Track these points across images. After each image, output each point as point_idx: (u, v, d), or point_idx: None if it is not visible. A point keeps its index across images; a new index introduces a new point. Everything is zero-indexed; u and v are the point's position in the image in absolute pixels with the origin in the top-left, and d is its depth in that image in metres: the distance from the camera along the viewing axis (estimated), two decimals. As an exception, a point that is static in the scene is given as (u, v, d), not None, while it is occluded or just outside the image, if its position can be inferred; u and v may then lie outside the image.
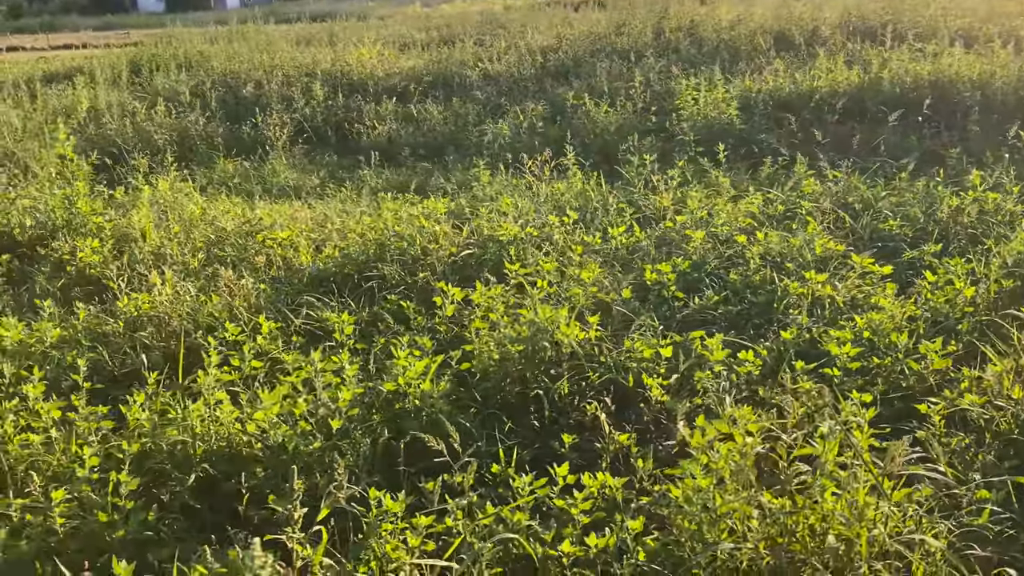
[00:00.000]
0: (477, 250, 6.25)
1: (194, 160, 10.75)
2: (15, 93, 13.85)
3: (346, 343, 4.87)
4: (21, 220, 7.69)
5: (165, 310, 5.62)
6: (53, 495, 3.40)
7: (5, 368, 4.53)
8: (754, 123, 9.46)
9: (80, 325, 5.53)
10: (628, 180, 7.87)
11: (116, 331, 5.49)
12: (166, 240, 7.05)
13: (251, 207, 8.21)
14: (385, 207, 6.74)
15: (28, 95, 13.86)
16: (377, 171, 9.67)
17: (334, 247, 6.42)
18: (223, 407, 4.03)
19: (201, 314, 5.58)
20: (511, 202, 7.03)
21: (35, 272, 6.81)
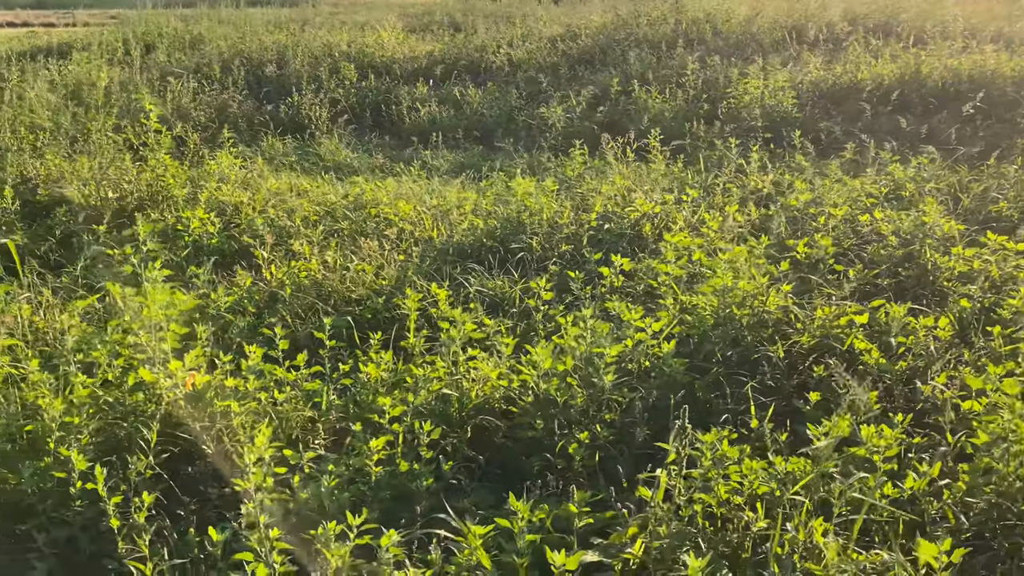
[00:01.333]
0: (612, 224, 6.42)
1: (238, 138, 10.63)
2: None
3: (542, 308, 5.01)
4: (107, 191, 7.59)
5: (327, 278, 5.68)
6: (373, 444, 3.49)
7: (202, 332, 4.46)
8: (807, 112, 9.81)
9: (242, 293, 5.55)
10: (700, 165, 8.12)
11: (283, 298, 5.53)
12: (271, 213, 7.05)
13: (336, 182, 8.26)
14: (516, 183, 6.85)
15: (18, 71, 13.49)
16: (436, 152, 9.74)
17: (471, 220, 6.53)
18: (478, 363, 4.15)
19: (359, 281, 5.65)
20: (621, 180, 7.21)
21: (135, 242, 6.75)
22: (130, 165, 7.96)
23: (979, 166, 7.64)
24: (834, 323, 4.74)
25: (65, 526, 3.43)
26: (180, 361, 3.99)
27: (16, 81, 12.06)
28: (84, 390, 3.69)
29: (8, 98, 11.08)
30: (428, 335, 4.63)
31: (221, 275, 6.04)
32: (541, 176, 8.12)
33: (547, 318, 4.97)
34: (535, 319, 4.97)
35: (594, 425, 3.85)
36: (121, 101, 11.41)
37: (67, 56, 14.90)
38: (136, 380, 3.93)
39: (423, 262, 6.06)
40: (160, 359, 4.11)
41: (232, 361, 4.13)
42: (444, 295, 5.22)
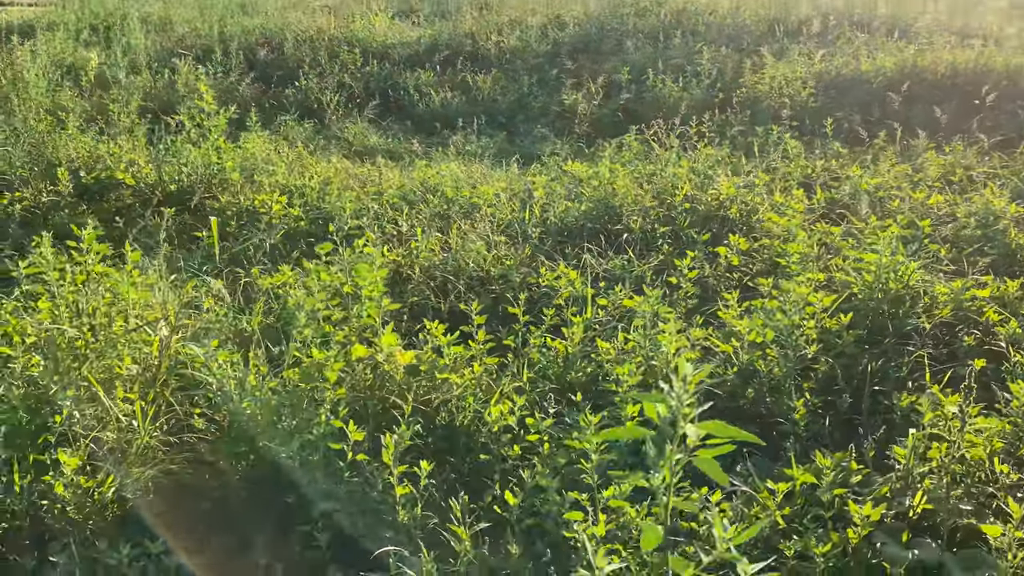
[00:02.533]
0: (703, 207, 6.65)
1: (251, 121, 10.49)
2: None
3: (684, 285, 5.20)
4: (168, 174, 7.47)
5: (450, 259, 5.75)
6: (647, 407, 3.63)
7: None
8: (822, 102, 10.22)
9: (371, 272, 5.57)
10: (742, 151, 8.42)
11: (411, 277, 5.59)
12: (354, 195, 7.07)
13: (389, 166, 8.28)
14: (602, 167, 7.02)
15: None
16: (466, 138, 9.81)
17: (564, 204, 6.67)
18: (664, 336, 4.32)
19: (480, 260, 5.75)
20: (687, 164, 7.44)
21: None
22: (184, 148, 7.81)
23: (1011, 153, 8.12)
24: (963, 297, 5.05)
25: (331, 498, 3.47)
26: (394, 335, 4.06)
27: (7, 61, 11.59)
28: (337, 363, 3.71)
29: (6, 78, 10.66)
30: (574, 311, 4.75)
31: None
32: (594, 161, 8.28)
33: (688, 296, 5.16)
34: (678, 296, 5.15)
35: (800, 395, 4.05)
36: (128, 82, 11.10)
37: (30, 37, 14.37)
38: (357, 355, 3.96)
39: (525, 242, 6.17)
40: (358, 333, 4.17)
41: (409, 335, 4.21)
42: (575, 274, 5.37)
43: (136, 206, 7.17)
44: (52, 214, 6.98)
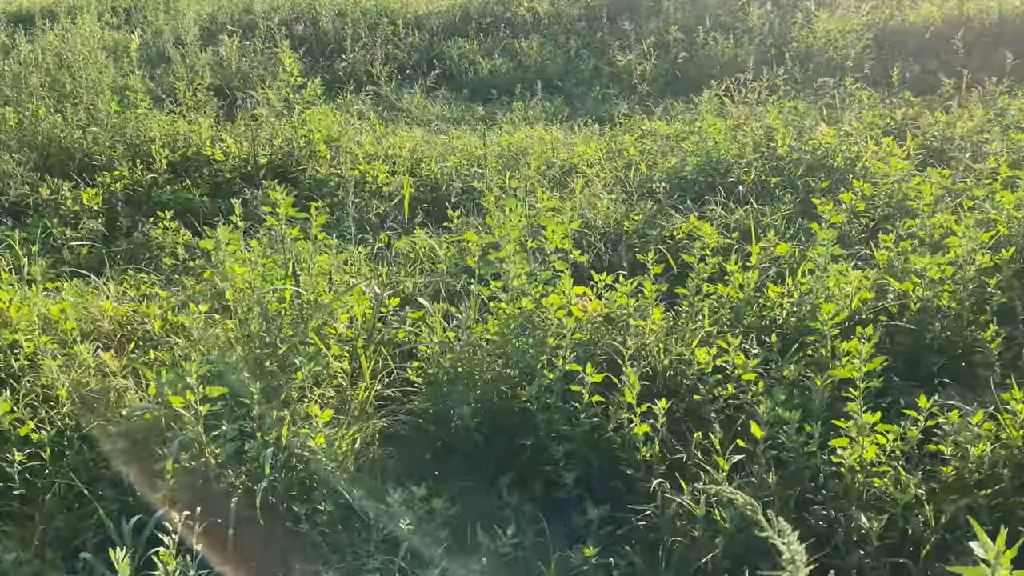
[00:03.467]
0: (807, 156, 6.77)
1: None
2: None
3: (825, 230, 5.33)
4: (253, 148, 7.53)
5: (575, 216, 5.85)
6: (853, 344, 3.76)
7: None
8: (876, 53, 10.34)
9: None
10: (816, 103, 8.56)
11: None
12: (453, 162, 7.16)
13: (471, 134, 8.36)
14: (704, 122, 7.13)
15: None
16: (526, 103, 9.87)
17: (668, 159, 6.78)
18: (842, 278, 4.45)
19: (610, 216, 5.87)
20: (780, 121, 7.55)
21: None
22: (270, 121, 7.86)
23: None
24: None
25: (566, 440, 3.59)
26: (581, 287, 4.18)
27: (45, 45, 11.55)
28: (560, 311, 3.83)
29: (52, 62, 10.62)
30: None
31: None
32: (671, 120, 8.39)
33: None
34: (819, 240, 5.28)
35: (986, 326, 4.20)
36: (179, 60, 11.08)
37: (53, 21, 14.28)
38: (554, 303, 4.08)
39: (644, 199, 6.29)
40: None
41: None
42: (708, 225, 5.50)
43: (236, 179, 7.22)
44: (154, 190, 7.02)
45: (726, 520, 3.11)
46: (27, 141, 8.06)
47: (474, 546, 3.29)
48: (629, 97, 9.99)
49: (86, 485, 3.45)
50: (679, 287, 4.43)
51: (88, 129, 7.99)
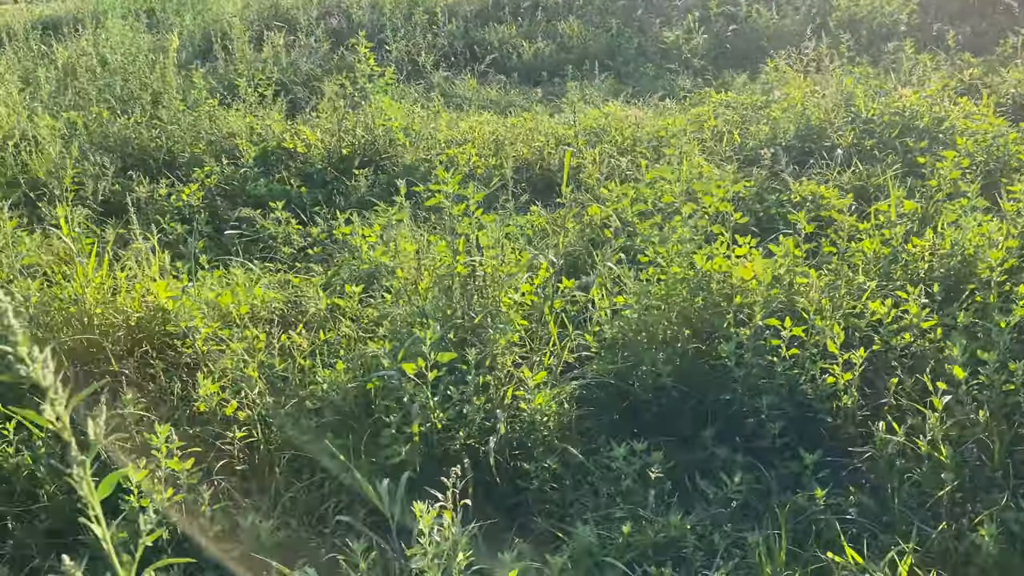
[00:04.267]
0: (896, 119, 6.91)
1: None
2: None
3: (944, 185, 5.47)
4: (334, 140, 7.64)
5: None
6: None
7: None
8: (922, 18, 10.48)
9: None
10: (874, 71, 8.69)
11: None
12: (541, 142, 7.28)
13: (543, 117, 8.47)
14: (790, 91, 7.27)
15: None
16: (581, 84, 9.98)
17: (761, 128, 6.91)
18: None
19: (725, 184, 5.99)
20: (861, 90, 7.67)
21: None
22: (348, 112, 7.96)
23: None
24: None
25: (764, 393, 3.72)
26: (744, 248, 4.30)
27: (86, 47, 11.61)
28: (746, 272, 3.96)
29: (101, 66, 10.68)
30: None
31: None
32: (740, 91, 8.51)
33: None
34: (938, 197, 5.43)
35: None
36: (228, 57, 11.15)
37: (81, 27, 14.33)
38: (714, 268, 4.20)
39: (750, 166, 6.42)
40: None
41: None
42: (824, 188, 5.63)
43: (328, 170, 7.31)
44: (248, 184, 7.11)
45: (947, 456, 3.25)
46: (99, 143, 8.14)
47: (698, 495, 3.42)
48: (682, 72, 10.10)
49: (308, 457, 3.57)
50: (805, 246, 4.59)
51: (165, 128, 8.06)
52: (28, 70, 10.99)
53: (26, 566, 3.33)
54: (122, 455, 3.63)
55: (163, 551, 3.20)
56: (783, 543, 2.99)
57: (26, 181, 7.55)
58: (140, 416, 3.87)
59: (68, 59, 11.68)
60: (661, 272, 4.23)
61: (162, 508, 3.22)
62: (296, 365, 4.11)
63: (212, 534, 3.22)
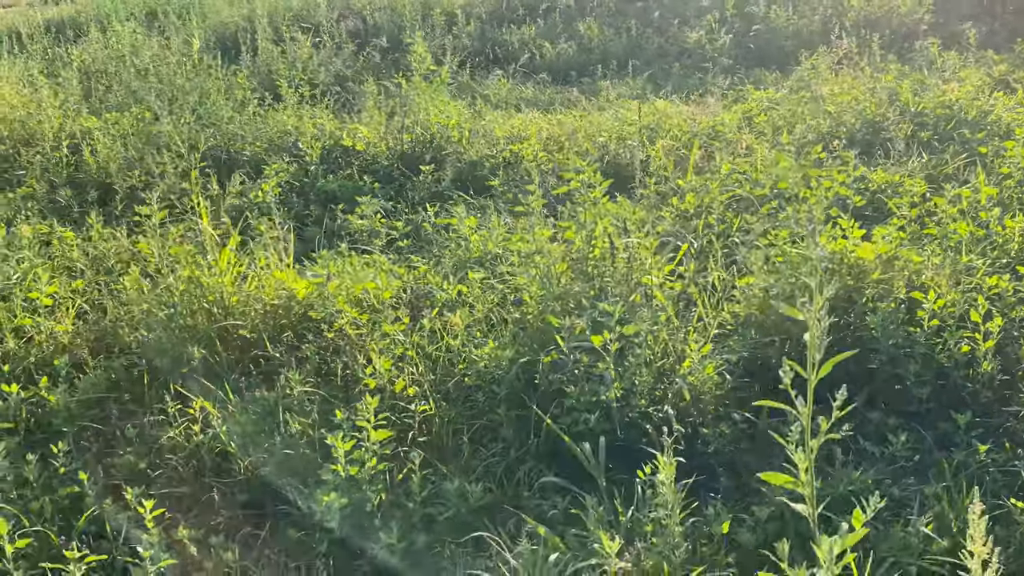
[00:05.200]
0: (941, 111, 7.27)
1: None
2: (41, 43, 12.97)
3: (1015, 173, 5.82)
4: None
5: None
6: None
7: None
8: (939, 18, 10.90)
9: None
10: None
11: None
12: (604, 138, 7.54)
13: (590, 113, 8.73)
14: (841, 83, 7.60)
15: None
16: (612, 83, 10.25)
17: (815, 121, 7.24)
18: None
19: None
20: (907, 85, 8.01)
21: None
22: (402, 108, 8.15)
23: None
24: None
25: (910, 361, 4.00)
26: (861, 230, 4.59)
27: (103, 49, 11.71)
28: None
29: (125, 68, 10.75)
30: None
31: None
32: (778, 88, 8.84)
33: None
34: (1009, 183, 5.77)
35: None
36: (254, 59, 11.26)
37: (81, 31, 14.38)
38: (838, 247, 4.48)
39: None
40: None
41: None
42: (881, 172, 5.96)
43: (395, 166, 7.51)
44: (318, 181, 7.28)
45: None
46: (151, 143, 8.26)
47: (861, 454, 3.68)
48: (711, 71, 10.41)
49: (486, 427, 3.78)
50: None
51: (219, 127, 8.20)
52: (50, 72, 11.00)
53: (235, 533, 3.50)
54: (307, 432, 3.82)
55: (374, 515, 3.40)
56: (968, 492, 3.25)
57: (87, 179, 7.67)
58: (308, 394, 4.06)
59: (84, 61, 11.75)
60: (779, 254, 4.49)
61: (368, 476, 3.41)
62: (446, 345, 4.31)
63: (419, 499, 3.41)
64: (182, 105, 9.56)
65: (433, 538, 3.34)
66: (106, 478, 3.71)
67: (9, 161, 8.08)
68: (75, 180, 7.69)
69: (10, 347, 4.83)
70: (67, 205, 7.15)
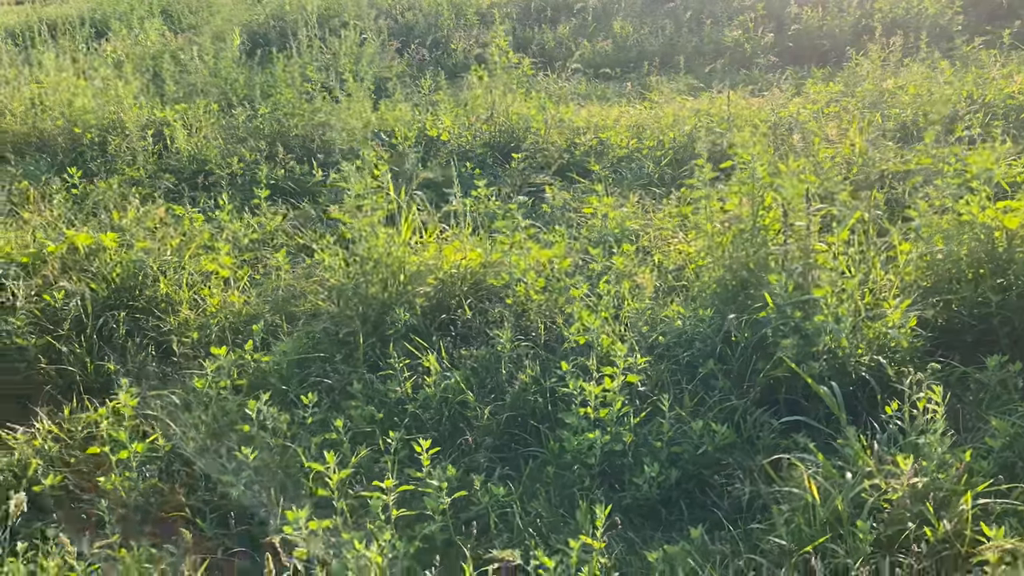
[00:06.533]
0: (1013, 101, 7.73)
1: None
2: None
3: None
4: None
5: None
6: None
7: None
8: (968, 18, 11.44)
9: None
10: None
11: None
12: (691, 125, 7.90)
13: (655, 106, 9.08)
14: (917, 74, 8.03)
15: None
16: (660, 79, 10.63)
17: (896, 110, 7.66)
18: None
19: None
20: (970, 78, 8.45)
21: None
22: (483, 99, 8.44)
23: None
24: None
25: None
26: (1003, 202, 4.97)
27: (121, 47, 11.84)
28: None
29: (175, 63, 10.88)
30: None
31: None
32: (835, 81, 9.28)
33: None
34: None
35: None
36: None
37: (101, 29, 14.45)
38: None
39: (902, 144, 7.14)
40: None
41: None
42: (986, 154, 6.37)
43: (488, 154, 7.79)
44: (419, 167, 7.53)
45: None
46: (229, 134, 8.45)
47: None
48: (755, 68, 10.82)
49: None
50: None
51: (304, 117, 8.42)
52: (90, 67, 11.05)
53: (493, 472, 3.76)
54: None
55: (624, 454, 3.69)
56: None
57: (179, 166, 7.84)
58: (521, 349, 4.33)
59: (118, 56, 11.83)
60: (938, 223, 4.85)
61: (615, 418, 3.70)
62: (633, 307, 4.61)
63: (667, 438, 3.70)
64: (241, 98, 9.77)
65: (686, 473, 3.63)
66: (353, 427, 3.93)
67: (99, 148, 8.21)
68: (168, 166, 7.86)
69: (187, 316, 5.04)
70: (174, 188, 7.33)
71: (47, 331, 4.90)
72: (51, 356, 4.76)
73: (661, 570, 3.11)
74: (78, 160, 8.05)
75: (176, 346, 4.81)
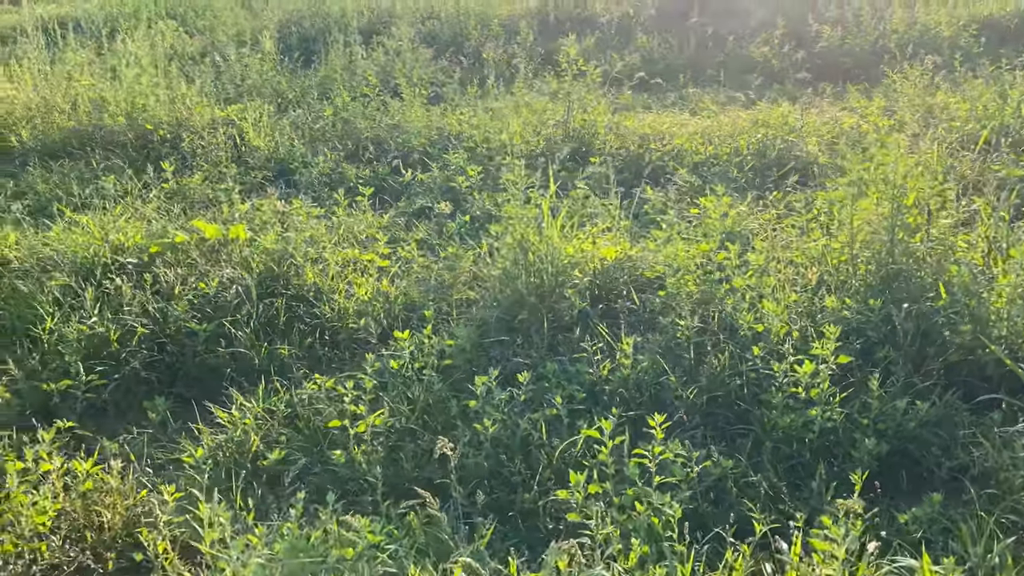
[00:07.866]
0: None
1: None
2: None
3: None
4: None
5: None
6: None
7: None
8: (985, 45, 12.00)
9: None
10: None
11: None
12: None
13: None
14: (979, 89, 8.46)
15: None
16: (696, 92, 10.97)
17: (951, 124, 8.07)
18: None
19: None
20: (1016, 94, 8.90)
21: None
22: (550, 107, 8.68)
23: None
24: None
25: None
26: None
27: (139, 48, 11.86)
28: None
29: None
30: None
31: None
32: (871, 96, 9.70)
33: None
34: None
35: None
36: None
37: (113, 30, 14.40)
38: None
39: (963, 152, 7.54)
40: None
41: None
42: None
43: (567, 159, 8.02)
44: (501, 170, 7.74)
45: None
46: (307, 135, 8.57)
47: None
48: (788, 84, 11.22)
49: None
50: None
51: (372, 120, 8.59)
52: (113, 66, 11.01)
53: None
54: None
55: (835, 431, 3.93)
56: None
57: (254, 163, 7.94)
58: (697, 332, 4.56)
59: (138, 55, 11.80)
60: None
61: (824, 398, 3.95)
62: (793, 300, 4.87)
63: (874, 414, 3.96)
64: (291, 99, 9.90)
65: (893, 448, 3.89)
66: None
67: (171, 145, 8.27)
68: (245, 164, 7.94)
69: (342, 304, 5.18)
70: (259, 185, 7.44)
71: (208, 317, 5.00)
72: (217, 342, 4.86)
73: (913, 529, 3.35)
74: (150, 156, 8.08)
75: (342, 333, 4.94)
